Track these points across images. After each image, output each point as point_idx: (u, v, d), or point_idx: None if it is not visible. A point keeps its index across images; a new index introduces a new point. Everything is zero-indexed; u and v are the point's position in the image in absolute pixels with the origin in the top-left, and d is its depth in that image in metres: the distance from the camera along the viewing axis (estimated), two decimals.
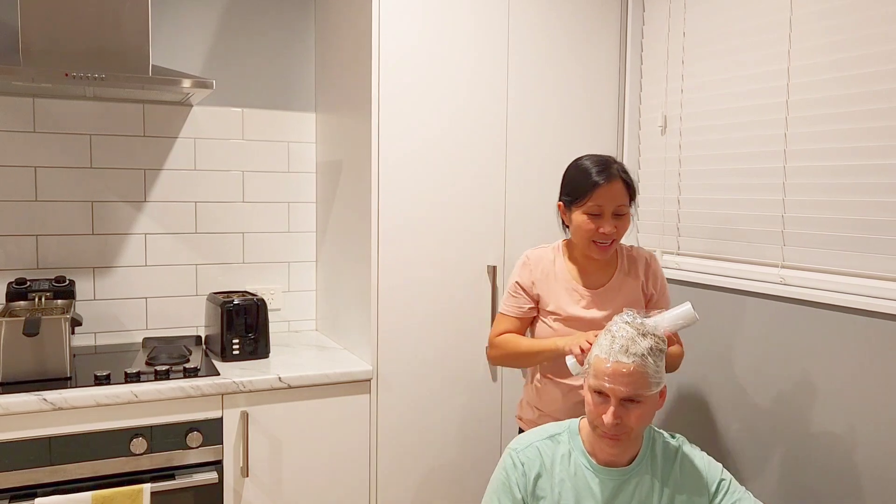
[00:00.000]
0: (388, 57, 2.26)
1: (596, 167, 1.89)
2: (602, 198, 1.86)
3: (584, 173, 1.90)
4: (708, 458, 1.65)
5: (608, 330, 1.58)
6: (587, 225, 1.89)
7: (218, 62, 2.68)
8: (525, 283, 2.02)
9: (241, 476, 2.17)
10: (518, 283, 2.03)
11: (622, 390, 1.50)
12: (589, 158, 1.93)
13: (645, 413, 1.53)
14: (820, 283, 1.95)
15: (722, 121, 2.25)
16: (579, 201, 1.89)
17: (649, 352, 1.52)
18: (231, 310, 2.37)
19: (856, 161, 1.86)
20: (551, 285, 1.99)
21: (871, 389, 1.81)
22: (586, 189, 1.88)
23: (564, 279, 1.98)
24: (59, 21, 2.11)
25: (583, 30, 2.54)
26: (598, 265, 1.99)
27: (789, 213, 2.04)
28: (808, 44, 1.97)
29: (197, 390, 2.09)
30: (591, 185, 1.87)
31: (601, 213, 1.87)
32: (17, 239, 2.44)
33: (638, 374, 1.50)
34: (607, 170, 1.88)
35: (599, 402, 1.54)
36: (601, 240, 1.89)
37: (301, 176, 2.82)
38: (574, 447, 1.63)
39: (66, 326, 2.10)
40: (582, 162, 1.93)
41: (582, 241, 1.92)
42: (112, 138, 2.54)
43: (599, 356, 1.54)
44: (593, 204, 1.87)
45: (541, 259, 2.03)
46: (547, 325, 1.97)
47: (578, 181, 1.91)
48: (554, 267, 2.01)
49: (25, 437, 1.94)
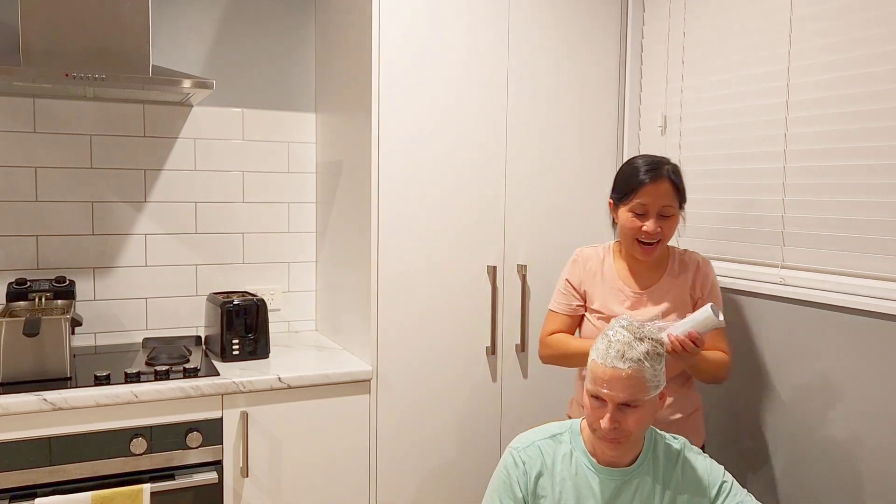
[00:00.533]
0: (388, 57, 2.26)
1: (645, 166, 1.88)
2: (647, 196, 1.85)
3: (632, 171, 1.89)
4: (710, 460, 1.65)
5: (605, 334, 1.57)
6: (631, 223, 1.88)
7: (218, 63, 2.68)
8: (574, 280, 2.03)
9: (241, 476, 2.17)
10: (567, 281, 2.04)
11: (619, 396, 1.50)
12: (642, 157, 1.91)
13: (643, 416, 1.53)
14: (820, 284, 1.95)
15: (722, 121, 2.25)
16: (625, 199, 1.89)
17: (646, 356, 1.51)
18: (231, 310, 2.37)
19: (856, 161, 1.86)
20: (598, 284, 1.99)
21: (872, 390, 1.81)
22: (632, 186, 1.87)
23: (612, 278, 1.98)
24: (59, 21, 2.11)
25: (583, 30, 2.54)
26: (647, 266, 1.97)
27: (789, 214, 2.04)
28: (808, 44, 1.97)
29: (197, 390, 2.09)
30: (638, 182, 1.86)
31: (645, 212, 1.86)
32: (17, 239, 2.44)
33: (635, 379, 1.50)
34: (656, 169, 1.86)
35: (597, 406, 1.54)
36: (645, 239, 1.87)
37: (301, 176, 2.82)
38: (576, 447, 1.63)
39: (66, 326, 2.10)
40: (634, 160, 1.92)
41: (626, 240, 1.92)
42: (112, 138, 2.54)
43: (596, 361, 1.54)
44: (638, 202, 1.86)
45: (590, 257, 2.03)
46: (591, 323, 1.99)
47: (626, 178, 1.90)
48: (602, 266, 2.00)
49: (25, 437, 1.94)
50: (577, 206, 2.57)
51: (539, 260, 2.52)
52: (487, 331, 2.45)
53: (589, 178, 2.59)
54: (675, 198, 1.88)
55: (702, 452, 1.67)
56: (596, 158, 2.59)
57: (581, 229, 2.58)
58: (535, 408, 2.54)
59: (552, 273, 2.53)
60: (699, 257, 2.00)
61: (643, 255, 1.90)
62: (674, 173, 1.89)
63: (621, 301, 1.95)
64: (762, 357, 2.10)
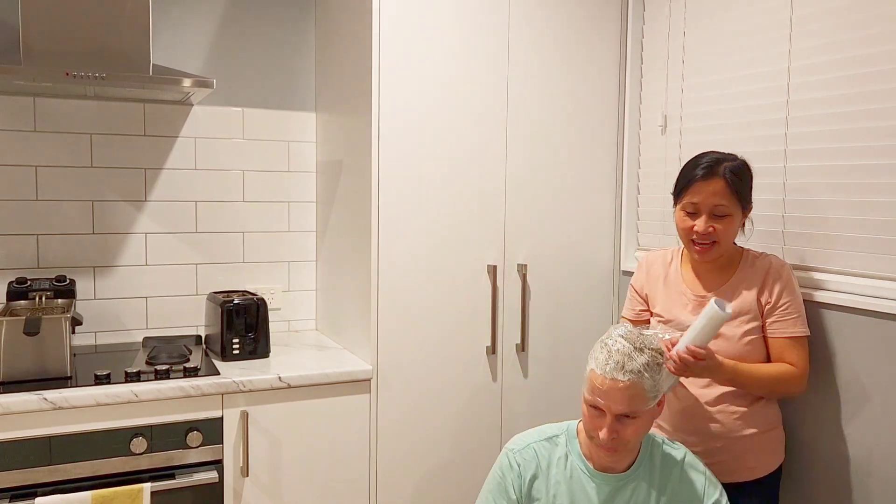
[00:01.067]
0: (389, 56, 2.26)
1: (704, 162, 1.79)
2: (698, 194, 1.77)
3: (689, 167, 1.82)
4: (710, 474, 1.64)
5: (604, 343, 1.55)
6: (683, 222, 1.82)
7: (218, 61, 2.68)
8: (637, 284, 2.01)
9: (241, 476, 2.17)
10: (631, 285, 2.02)
11: (618, 407, 1.49)
12: (707, 154, 1.83)
13: (641, 426, 1.52)
14: (821, 284, 1.95)
15: (722, 120, 2.25)
16: (679, 197, 1.84)
17: (645, 367, 1.50)
18: (231, 309, 2.37)
19: (857, 161, 1.86)
20: (660, 287, 1.94)
21: (873, 390, 1.81)
22: (684, 183, 1.81)
23: (676, 282, 1.92)
24: (59, 20, 2.11)
25: (583, 29, 2.54)
26: (714, 268, 1.88)
27: (789, 213, 2.04)
28: (809, 43, 1.97)
29: (197, 390, 2.09)
30: (689, 179, 1.79)
31: (696, 210, 1.79)
32: (17, 238, 2.44)
33: (634, 391, 1.49)
34: (711, 166, 1.77)
35: (595, 415, 1.53)
36: (698, 239, 1.79)
37: (301, 175, 2.82)
38: (571, 450, 1.62)
39: (66, 326, 2.10)
40: (699, 156, 1.84)
41: (683, 241, 1.85)
42: (112, 137, 2.54)
43: (595, 371, 1.52)
44: (688, 200, 1.79)
45: (654, 261, 1.99)
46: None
47: (682, 175, 1.84)
48: (668, 269, 1.95)
49: (25, 436, 1.94)
50: (577, 205, 2.57)
51: (539, 259, 2.52)
52: (488, 330, 2.45)
53: (589, 177, 2.59)
54: (731, 197, 1.77)
55: (705, 469, 1.65)
56: (596, 157, 2.59)
57: (582, 228, 2.58)
58: (535, 408, 2.54)
59: (553, 272, 2.53)
60: (775, 260, 1.86)
61: (700, 256, 1.81)
62: (732, 172, 1.77)
63: (684, 305, 1.88)
64: None
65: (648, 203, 2.57)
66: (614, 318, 2.66)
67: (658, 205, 2.52)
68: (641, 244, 2.62)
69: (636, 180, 2.62)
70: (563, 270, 2.56)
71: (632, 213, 2.63)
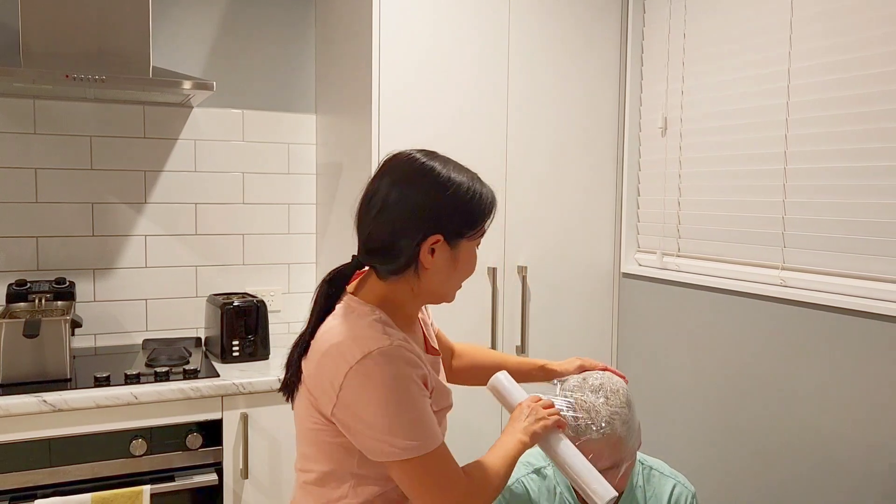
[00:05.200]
0: (389, 59, 2.26)
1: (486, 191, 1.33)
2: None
3: (480, 199, 1.33)
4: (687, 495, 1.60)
5: (570, 405, 1.45)
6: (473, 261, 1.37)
7: (218, 64, 2.68)
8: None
9: (241, 478, 2.16)
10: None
11: (602, 465, 1.42)
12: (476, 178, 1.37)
13: (627, 471, 1.46)
14: (821, 286, 1.95)
15: (722, 122, 2.25)
16: (476, 228, 1.32)
17: (616, 414, 1.43)
18: (231, 311, 2.36)
19: (857, 163, 1.86)
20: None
21: (872, 391, 1.81)
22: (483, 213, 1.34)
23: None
24: (59, 23, 2.11)
25: (583, 31, 2.54)
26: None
27: (790, 215, 2.04)
28: (809, 45, 1.97)
29: (197, 392, 2.09)
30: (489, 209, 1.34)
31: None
32: (17, 240, 2.44)
33: (612, 441, 1.42)
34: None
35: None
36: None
37: (301, 177, 2.82)
38: (559, 481, 1.58)
39: (66, 328, 2.10)
40: (476, 185, 1.34)
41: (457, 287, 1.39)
42: (112, 140, 2.54)
43: (568, 434, 1.43)
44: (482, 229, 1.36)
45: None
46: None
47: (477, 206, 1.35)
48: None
49: (25, 438, 1.94)
50: (577, 207, 2.57)
51: (539, 261, 2.52)
52: (488, 332, 2.45)
53: (589, 179, 2.59)
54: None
55: (687, 488, 1.60)
56: (596, 159, 2.59)
57: (582, 230, 2.58)
58: None
59: (553, 274, 2.53)
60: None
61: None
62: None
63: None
64: (763, 359, 2.10)
65: (648, 205, 2.57)
66: (614, 320, 2.66)
67: (658, 207, 2.52)
68: (641, 246, 2.62)
69: (636, 182, 2.62)
70: (563, 272, 2.56)
71: (632, 215, 2.63)
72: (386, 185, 1.29)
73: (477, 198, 1.27)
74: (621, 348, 2.66)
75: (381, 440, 1.15)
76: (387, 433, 1.15)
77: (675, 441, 2.42)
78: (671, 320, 2.43)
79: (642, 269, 2.55)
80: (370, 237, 1.28)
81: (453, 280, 1.30)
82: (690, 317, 2.35)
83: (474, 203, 1.27)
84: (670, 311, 2.43)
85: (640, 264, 2.61)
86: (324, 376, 1.18)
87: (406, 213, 1.25)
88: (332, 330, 1.21)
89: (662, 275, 2.45)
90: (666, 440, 2.45)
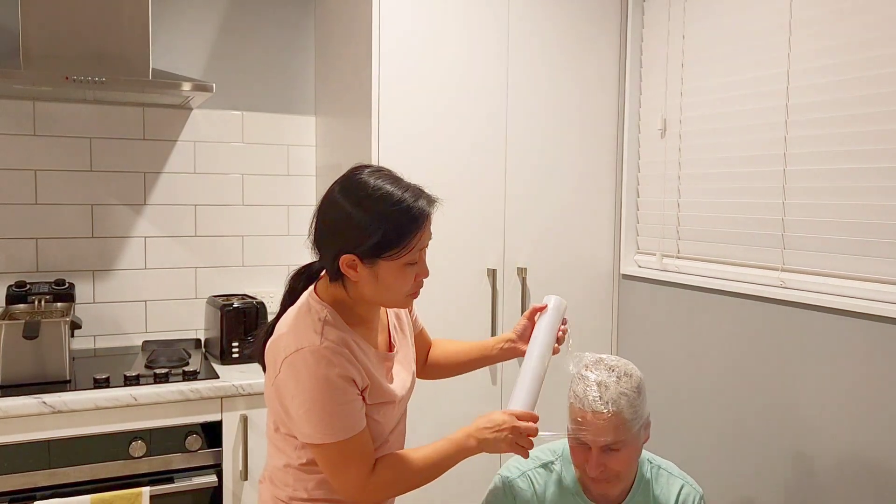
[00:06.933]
0: (388, 60, 2.26)
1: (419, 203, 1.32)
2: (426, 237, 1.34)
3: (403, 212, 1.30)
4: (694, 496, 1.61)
5: (582, 376, 1.50)
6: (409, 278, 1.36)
7: (218, 65, 2.68)
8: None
9: (241, 479, 2.16)
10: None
11: (602, 440, 1.45)
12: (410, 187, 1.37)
13: (630, 455, 1.48)
14: (820, 287, 1.95)
15: (721, 124, 2.25)
16: (404, 247, 1.31)
17: (624, 395, 1.46)
18: (230, 313, 2.36)
19: (856, 164, 1.86)
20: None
21: (872, 393, 1.81)
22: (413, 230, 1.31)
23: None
24: (59, 24, 2.12)
25: (583, 33, 2.54)
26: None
27: (789, 217, 2.04)
28: (808, 47, 1.97)
29: (196, 393, 2.09)
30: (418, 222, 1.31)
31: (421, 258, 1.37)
32: (16, 242, 2.44)
33: (616, 421, 1.44)
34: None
35: (580, 449, 1.49)
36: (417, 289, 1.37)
37: (301, 179, 2.82)
38: (566, 476, 1.59)
39: (65, 329, 2.10)
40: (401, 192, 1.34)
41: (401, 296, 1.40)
42: (112, 141, 2.54)
43: (574, 405, 1.48)
44: (417, 248, 1.32)
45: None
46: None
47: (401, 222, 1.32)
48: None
49: (24, 440, 1.94)
50: (577, 208, 2.57)
51: (539, 263, 2.52)
52: (487, 333, 2.45)
53: (589, 181, 2.59)
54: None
55: (694, 490, 1.61)
56: (595, 161, 2.59)
57: (581, 232, 2.58)
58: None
59: (552, 276, 2.53)
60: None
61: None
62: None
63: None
64: (762, 360, 2.10)
65: (648, 206, 2.57)
66: (614, 322, 2.66)
67: (657, 208, 2.52)
68: (641, 247, 2.62)
69: (636, 183, 2.62)
70: (562, 274, 2.56)
71: (631, 217, 2.63)
72: (325, 195, 1.37)
73: (395, 222, 1.29)
74: (621, 350, 2.66)
75: (299, 423, 1.30)
76: (304, 421, 1.29)
77: (674, 442, 2.42)
78: (671, 322, 2.43)
79: (642, 271, 2.55)
80: (312, 243, 1.38)
81: (388, 294, 1.34)
82: (690, 318, 2.35)
83: (391, 227, 1.28)
84: (670, 313, 2.43)
85: (640, 266, 2.61)
86: (269, 358, 1.35)
87: (326, 228, 1.33)
88: (284, 320, 1.36)
89: (662, 276, 2.45)
90: (665, 441, 2.45)
